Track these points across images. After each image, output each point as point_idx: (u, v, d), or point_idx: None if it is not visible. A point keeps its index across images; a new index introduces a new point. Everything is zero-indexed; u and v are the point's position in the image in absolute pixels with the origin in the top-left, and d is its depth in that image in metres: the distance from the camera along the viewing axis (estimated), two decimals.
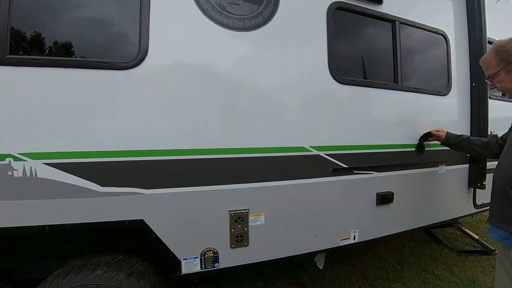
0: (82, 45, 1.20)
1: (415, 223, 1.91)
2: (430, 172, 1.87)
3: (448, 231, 2.95)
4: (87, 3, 1.20)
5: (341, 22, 1.56)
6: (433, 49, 1.91)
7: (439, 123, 1.82)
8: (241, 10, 1.35)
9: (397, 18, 1.72)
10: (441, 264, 2.39)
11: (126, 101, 1.19)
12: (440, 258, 2.50)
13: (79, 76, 1.15)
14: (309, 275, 2.19)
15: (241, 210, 1.37)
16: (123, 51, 1.23)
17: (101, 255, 1.29)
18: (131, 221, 1.22)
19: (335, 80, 1.52)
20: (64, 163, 1.12)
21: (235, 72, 1.34)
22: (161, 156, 1.23)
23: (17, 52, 1.12)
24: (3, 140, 1.08)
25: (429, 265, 2.37)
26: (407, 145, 1.76)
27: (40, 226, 1.13)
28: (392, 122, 1.72)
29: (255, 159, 1.36)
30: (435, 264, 2.40)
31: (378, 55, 1.77)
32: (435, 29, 1.87)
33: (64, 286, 1.13)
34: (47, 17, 1.18)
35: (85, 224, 1.17)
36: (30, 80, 1.11)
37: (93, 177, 1.16)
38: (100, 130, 1.17)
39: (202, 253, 1.34)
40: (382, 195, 1.68)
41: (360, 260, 2.43)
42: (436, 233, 2.87)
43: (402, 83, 1.73)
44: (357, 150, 1.60)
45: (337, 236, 1.62)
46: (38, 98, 1.11)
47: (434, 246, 2.74)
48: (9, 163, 1.08)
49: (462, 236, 2.71)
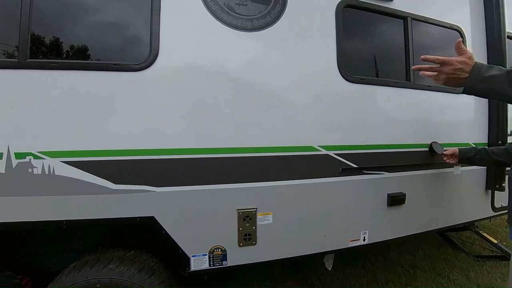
0: (95, 48, 1.26)
1: (428, 226, 1.85)
2: (444, 173, 1.80)
3: (465, 234, 2.83)
4: (99, 8, 1.25)
5: (350, 19, 1.54)
6: (448, 46, 1.84)
7: (454, 122, 1.76)
8: (249, 10, 1.36)
9: (409, 14, 1.67)
10: (456, 269, 2.30)
11: (138, 102, 1.23)
12: (455, 263, 2.41)
13: (94, 78, 1.20)
14: (318, 276, 2.16)
15: (249, 209, 1.38)
16: (135, 53, 1.27)
17: (114, 250, 1.33)
18: (142, 218, 1.26)
19: (344, 78, 1.50)
20: (80, 161, 1.18)
21: (244, 72, 1.35)
22: (171, 155, 1.26)
23: (36, 56, 1.18)
24: (24, 139, 1.14)
25: (443, 270, 2.29)
26: (420, 144, 1.71)
27: (57, 221, 1.19)
28: (404, 121, 1.68)
29: (264, 158, 1.37)
30: (450, 268, 2.31)
31: (389, 53, 1.73)
32: (450, 25, 1.81)
33: (79, 279, 1.18)
34: (63, 22, 1.24)
35: (99, 220, 1.22)
36: (49, 82, 1.17)
37: (106, 175, 1.20)
38: (113, 129, 1.22)
39: (211, 250, 1.36)
40: (393, 196, 1.64)
41: (370, 263, 2.38)
42: (451, 236, 2.77)
43: (415, 81, 1.68)
44: (367, 149, 1.57)
45: (347, 237, 1.59)
46: (56, 100, 1.17)
47: (450, 250, 2.64)
48: (30, 161, 1.14)
49: (479, 240, 2.60)
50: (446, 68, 0.91)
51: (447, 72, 0.91)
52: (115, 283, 1.19)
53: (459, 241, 2.73)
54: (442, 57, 0.92)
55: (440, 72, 0.93)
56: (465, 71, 0.89)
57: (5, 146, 1.13)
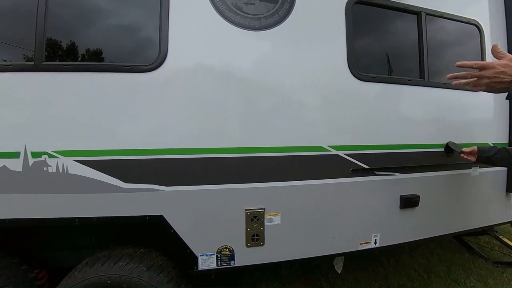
0: (106, 50, 1.29)
1: (443, 229, 1.78)
2: (461, 174, 1.73)
3: (483, 239, 2.70)
4: (110, 12, 1.29)
5: (361, 16, 1.50)
6: (465, 41, 1.77)
7: (471, 121, 1.68)
8: (257, 9, 1.35)
9: (422, 9, 1.61)
10: (474, 275, 2.20)
11: (147, 102, 1.25)
12: (473, 269, 2.30)
13: (105, 79, 1.23)
14: (327, 278, 2.13)
15: (257, 209, 1.37)
16: (144, 55, 1.29)
17: (124, 248, 1.36)
18: (151, 217, 1.27)
19: (354, 77, 1.47)
20: (91, 160, 1.21)
21: (252, 72, 1.35)
22: (180, 155, 1.27)
23: (51, 59, 1.23)
24: (40, 139, 1.19)
25: (460, 276, 2.19)
26: (435, 145, 1.64)
27: (70, 218, 1.23)
28: (417, 120, 1.62)
29: (272, 158, 1.36)
30: (467, 274, 2.21)
31: (402, 50, 1.67)
32: (467, 19, 1.73)
33: (91, 274, 1.21)
34: (76, 26, 1.29)
35: (110, 218, 1.25)
36: (63, 84, 1.21)
37: (117, 174, 1.23)
38: (124, 129, 1.24)
39: (218, 250, 1.36)
40: (406, 198, 1.59)
41: (382, 266, 2.31)
42: (469, 241, 2.65)
43: (429, 78, 1.62)
44: (379, 150, 1.53)
45: (357, 239, 1.55)
46: (69, 101, 1.21)
47: (467, 255, 2.53)
48: (45, 160, 1.19)
49: (499, 246, 2.47)
50: (487, 72, 0.86)
51: (488, 76, 0.86)
52: (125, 280, 1.21)
53: (477, 246, 2.60)
54: (481, 62, 0.89)
55: (480, 77, 0.89)
56: (508, 74, 0.84)
57: (22, 146, 1.17)
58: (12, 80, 1.20)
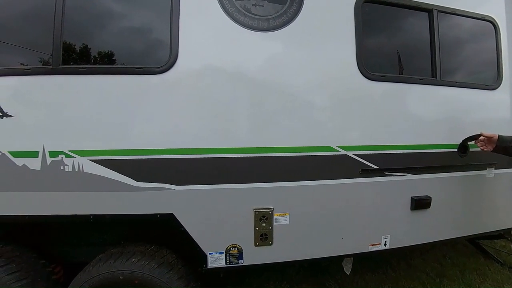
0: (119, 53, 1.33)
1: (456, 232, 1.73)
2: (475, 175, 1.68)
3: (499, 243, 2.61)
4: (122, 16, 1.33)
5: (370, 15, 1.49)
6: (479, 38, 1.72)
7: (487, 122, 1.63)
8: (265, 10, 1.36)
9: (434, 6, 1.58)
10: (489, 280, 2.12)
11: (159, 103, 1.28)
12: (488, 273, 2.22)
13: (118, 81, 1.27)
14: (336, 280, 2.11)
15: (265, 209, 1.37)
16: (155, 57, 1.32)
17: (136, 245, 1.40)
18: (162, 215, 1.30)
19: (364, 76, 1.45)
20: (105, 159, 1.25)
21: (261, 72, 1.36)
22: (190, 155, 1.30)
23: (67, 63, 1.28)
24: (57, 139, 1.24)
25: (474, 280, 2.12)
26: (448, 145, 1.60)
27: (85, 216, 1.28)
28: (429, 120, 1.58)
29: (281, 158, 1.36)
30: (481, 279, 2.14)
31: (413, 48, 1.64)
32: (482, 16, 1.68)
33: (104, 270, 1.25)
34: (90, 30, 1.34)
35: (123, 215, 1.29)
36: (78, 86, 1.26)
37: (129, 173, 1.27)
38: (136, 130, 1.28)
39: (227, 249, 1.37)
40: (417, 199, 1.56)
41: (393, 269, 2.27)
42: (484, 245, 2.56)
43: (442, 77, 1.58)
44: (389, 150, 1.50)
45: (366, 241, 1.54)
46: (84, 102, 1.26)
47: (482, 260, 2.44)
48: (62, 159, 1.24)
49: None
50: None
51: None
52: (137, 276, 1.25)
53: (492, 250, 2.51)
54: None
55: None
56: None
57: (40, 145, 1.23)
58: (31, 83, 1.25)
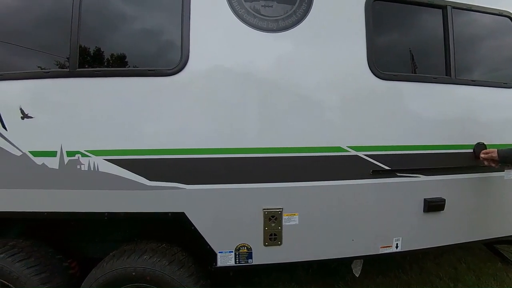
0: (133, 56, 1.38)
1: (472, 236, 1.67)
2: (493, 177, 1.62)
3: None
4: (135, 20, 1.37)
5: (381, 13, 1.46)
6: (496, 34, 1.66)
7: (505, 121, 1.57)
8: (274, 11, 1.37)
9: (448, 2, 1.53)
10: (506, 287, 2.04)
11: (171, 104, 1.31)
12: (506, 280, 2.13)
13: (131, 83, 1.31)
14: (345, 282, 2.08)
15: (275, 209, 1.38)
16: (167, 59, 1.36)
17: (148, 242, 1.43)
18: (173, 213, 1.33)
19: (375, 75, 1.43)
20: (119, 159, 1.29)
21: (271, 73, 1.36)
22: (201, 154, 1.32)
23: (84, 66, 1.33)
24: (74, 139, 1.29)
25: (491, 286, 2.04)
26: (463, 145, 1.56)
27: (100, 213, 1.32)
28: (443, 120, 1.54)
29: (290, 158, 1.36)
30: (499, 285, 2.06)
31: (426, 46, 1.61)
32: (498, 11, 1.62)
33: (117, 266, 1.29)
34: (104, 34, 1.39)
35: (136, 213, 1.32)
36: (94, 88, 1.31)
37: (142, 172, 1.30)
38: (149, 130, 1.32)
39: (237, 248, 1.39)
40: (430, 201, 1.52)
41: (404, 272, 2.22)
42: (502, 250, 2.46)
43: (456, 75, 1.54)
44: (401, 150, 1.47)
45: (377, 243, 1.51)
46: (99, 104, 1.31)
47: (499, 265, 2.35)
48: (78, 159, 1.29)
49: None
50: None
51: None
52: (148, 272, 1.28)
53: (511, 255, 2.41)
54: None
55: None
56: None
57: (58, 145, 1.28)
58: (50, 86, 1.31)
